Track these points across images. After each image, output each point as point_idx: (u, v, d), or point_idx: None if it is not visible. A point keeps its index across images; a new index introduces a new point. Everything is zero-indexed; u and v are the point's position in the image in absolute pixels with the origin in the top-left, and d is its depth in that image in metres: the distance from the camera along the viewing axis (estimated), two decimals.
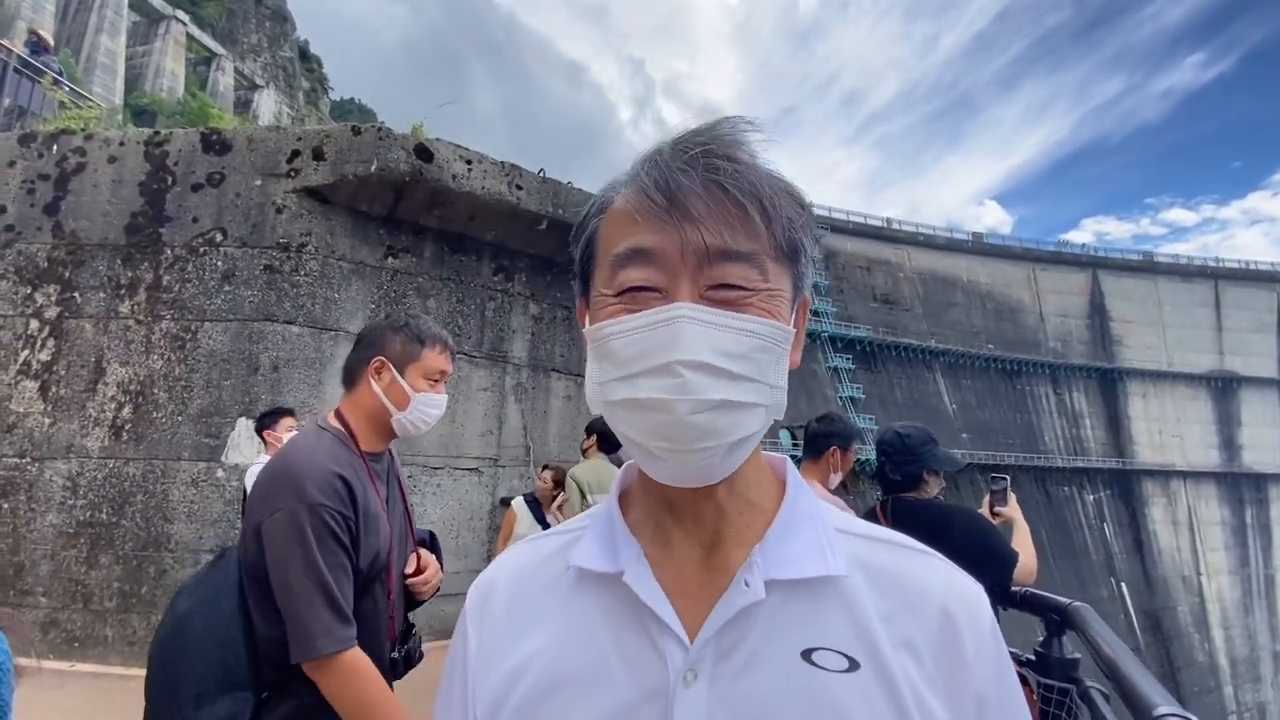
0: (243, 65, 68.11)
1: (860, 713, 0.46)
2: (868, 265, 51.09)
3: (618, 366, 0.50)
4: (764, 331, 0.50)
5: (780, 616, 0.50)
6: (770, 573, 0.50)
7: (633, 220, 0.51)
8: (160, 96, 52.95)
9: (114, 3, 53.64)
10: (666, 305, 0.49)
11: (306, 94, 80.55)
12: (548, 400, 6.00)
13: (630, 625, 0.52)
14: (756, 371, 0.50)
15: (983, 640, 0.50)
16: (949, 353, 49.25)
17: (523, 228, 5.45)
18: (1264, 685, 47.33)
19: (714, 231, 0.49)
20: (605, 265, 0.53)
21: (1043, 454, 48.81)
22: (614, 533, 0.56)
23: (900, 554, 0.54)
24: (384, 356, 1.51)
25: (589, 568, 0.54)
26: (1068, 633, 1.75)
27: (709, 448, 0.49)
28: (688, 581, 0.53)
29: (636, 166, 0.53)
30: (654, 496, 0.56)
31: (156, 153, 4.65)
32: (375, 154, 4.52)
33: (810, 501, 0.57)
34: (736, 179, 0.49)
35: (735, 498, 0.54)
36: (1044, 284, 54.31)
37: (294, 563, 1.30)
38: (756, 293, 0.50)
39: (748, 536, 0.54)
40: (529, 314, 5.87)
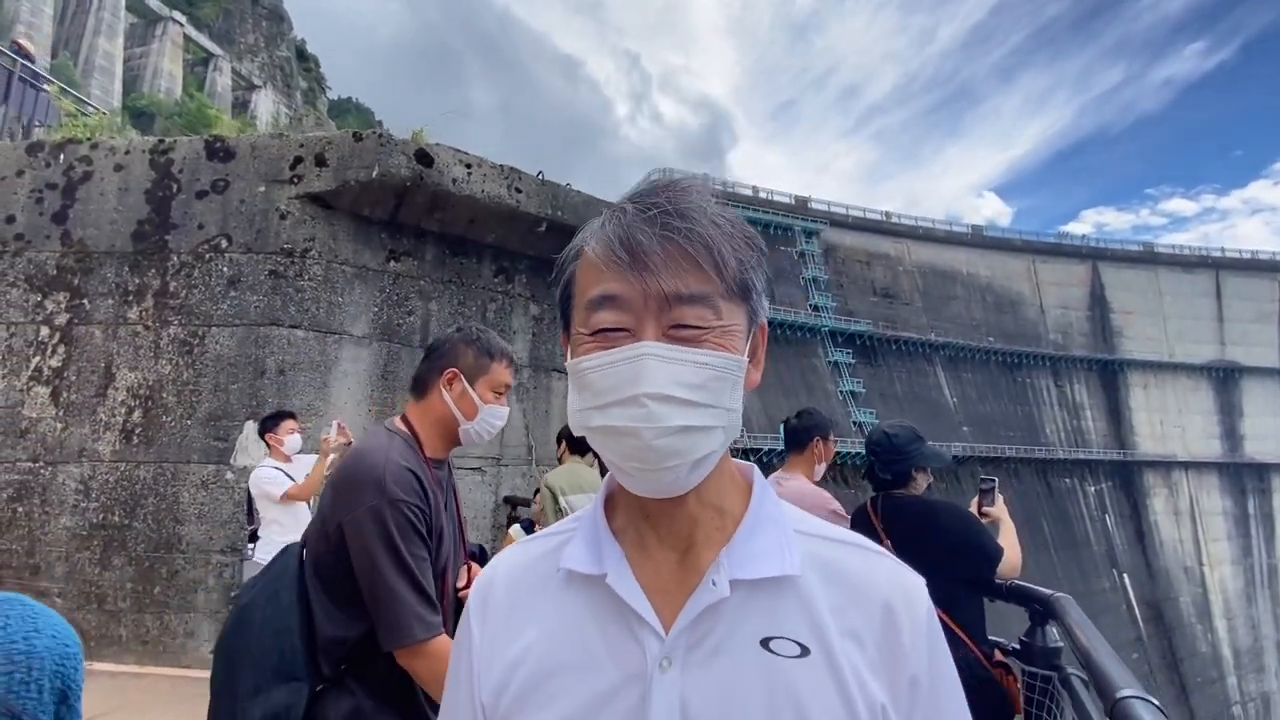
0: (240, 65, 68.11)
1: (809, 693, 0.54)
2: (867, 259, 51.08)
3: (594, 396, 0.58)
4: (718, 364, 0.57)
5: (743, 610, 0.58)
6: (735, 573, 0.58)
7: (600, 271, 0.59)
8: (158, 98, 52.98)
9: (111, 5, 53.59)
10: (633, 344, 0.57)
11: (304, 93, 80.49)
12: (549, 400, 6.08)
13: (614, 620, 0.59)
14: (713, 398, 0.57)
15: (918, 629, 0.58)
16: (949, 346, 49.29)
17: (522, 230, 5.52)
18: (1268, 675, 47.47)
19: (670, 280, 0.56)
20: (581, 308, 0.61)
21: (1044, 446, 48.88)
22: (599, 537, 0.63)
23: (850, 552, 0.62)
24: (457, 368, 1.59)
25: (577, 570, 0.62)
26: (1050, 622, 1.83)
27: (674, 466, 0.57)
28: (664, 581, 0.60)
29: (604, 220, 0.61)
30: (633, 505, 0.64)
31: (162, 160, 4.73)
32: (377, 160, 4.59)
33: (774, 505, 0.64)
34: (688, 235, 0.57)
35: (705, 506, 0.62)
36: (1044, 276, 54.27)
37: (381, 557, 1.37)
38: (711, 330, 0.57)
39: (717, 539, 0.61)
40: (530, 315, 5.95)
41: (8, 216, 4.71)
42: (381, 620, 1.38)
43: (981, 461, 45.12)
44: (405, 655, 1.38)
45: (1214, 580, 48.86)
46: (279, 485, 3.69)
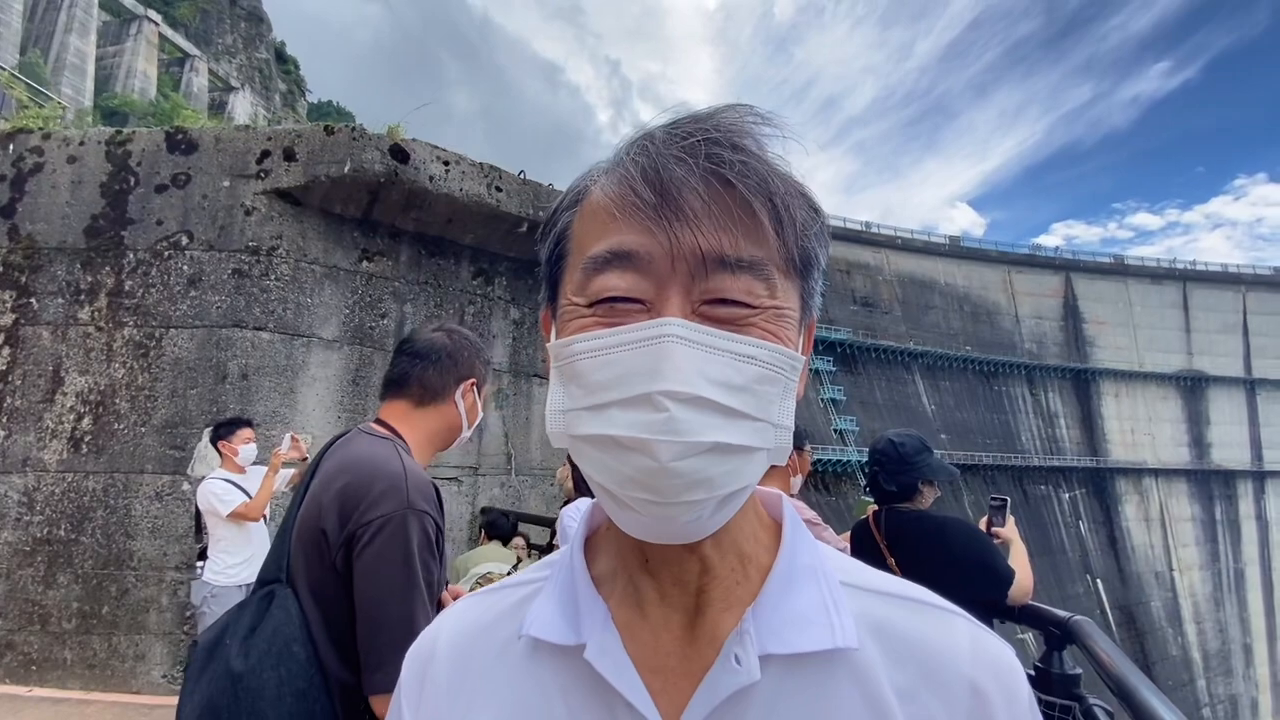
0: (217, 66, 67.02)
1: None
2: (847, 268, 51.55)
3: (587, 393, 0.41)
4: (770, 358, 0.41)
5: (780, 700, 0.41)
6: (766, 645, 0.41)
7: (613, 216, 0.42)
8: (132, 98, 51.87)
9: (83, 1, 52.44)
10: (651, 320, 0.40)
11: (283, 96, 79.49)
12: (529, 407, 5.89)
13: (594, 709, 0.42)
14: (758, 407, 0.41)
15: (1015, 706, 0.42)
16: (927, 354, 49.86)
17: (503, 230, 5.34)
18: (1235, 678, 48.48)
19: (713, 235, 0.40)
20: (577, 268, 0.44)
21: (1019, 453, 49.58)
22: (576, 592, 0.46)
23: (918, 613, 0.45)
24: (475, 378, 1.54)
25: (544, 639, 0.45)
26: (1068, 647, 1.69)
27: (696, 501, 0.40)
28: (665, 654, 0.44)
29: (620, 152, 0.44)
30: (626, 547, 0.47)
31: (118, 153, 4.47)
32: (349, 155, 4.38)
33: (812, 549, 0.47)
34: (744, 173, 0.40)
35: (724, 551, 0.45)
36: (1019, 286, 55.28)
37: (397, 574, 1.19)
38: (761, 311, 0.41)
39: (738, 595, 0.45)
40: (510, 319, 5.76)
41: None
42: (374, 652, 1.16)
43: (960, 469, 45.51)
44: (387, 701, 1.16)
45: (1184, 585, 49.88)
46: (227, 501, 3.40)
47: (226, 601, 3.29)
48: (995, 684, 0.42)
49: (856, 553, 2.24)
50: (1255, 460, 54.75)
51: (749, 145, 0.41)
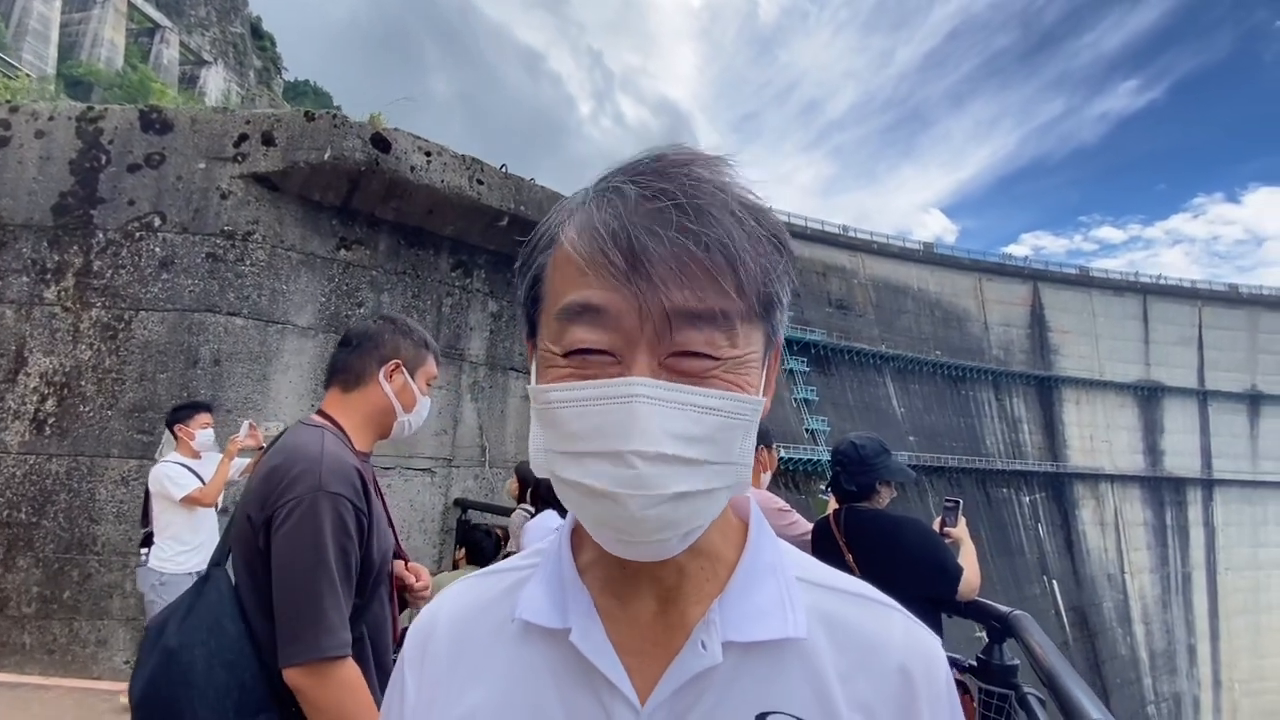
0: (189, 39, 64.88)
1: None
2: (824, 271, 52.21)
3: (564, 439, 0.45)
4: (730, 408, 0.45)
5: (737, 679, 0.47)
6: (728, 634, 0.47)
7: (583, 271, 0.45)
8: (97, 67, 50.00)
9: None
10: (621, 379, 0.43)
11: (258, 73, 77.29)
12: (505, 400, 5.91)
13: (579, 685, 0.48)
14: (719, 453, 0.45)
15: (938, 701, 0.49)
16: (899, 358, 50.80)
17: (483, 223, 5.35)
18: (1179, 676, 50.56)
19: (678, 293, 0.43)
20: (553, 314, 0.47)
21: (984, 457, 50.88)
22: (563, 580, 0.52)
23: (862, 607, 0.52)
24: (399, 359, 1.53)
25: (535, 622, 0.50)
26: (1008, 640, 1.81)
27: (663, 540, 0.45)
28: (641, 638, 0.50)
29: (590, 202, 0.47)
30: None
31: (90, 129, 4.38)
32: (329, 142, 4.36)
33: (774, 549, 0.54)
34: (707, 237, 0.43)
35: (696, 554, 0.50)
36: (989, 294, 56.62)
37: (306, 556, 1.23)
38: (723, 361, 0.45)
39: (707, 590, 0.51)
40: (488, 311, 5.77)
41: None
42: (285, 626, 1.21)
43: (927, 471, 46.60)
44: (302, 674, 1.20)
45: (1134, 587, 51.80)
46: (181, 485, 3.33)
47: (176, 589, 3.22)
48: (920, 668, 0.49)
49: (817, 548, 2.34)
50: (1205, 468, 57.03)
51: (713, 208, 0.44)
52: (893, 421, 47.84)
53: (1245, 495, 56.74)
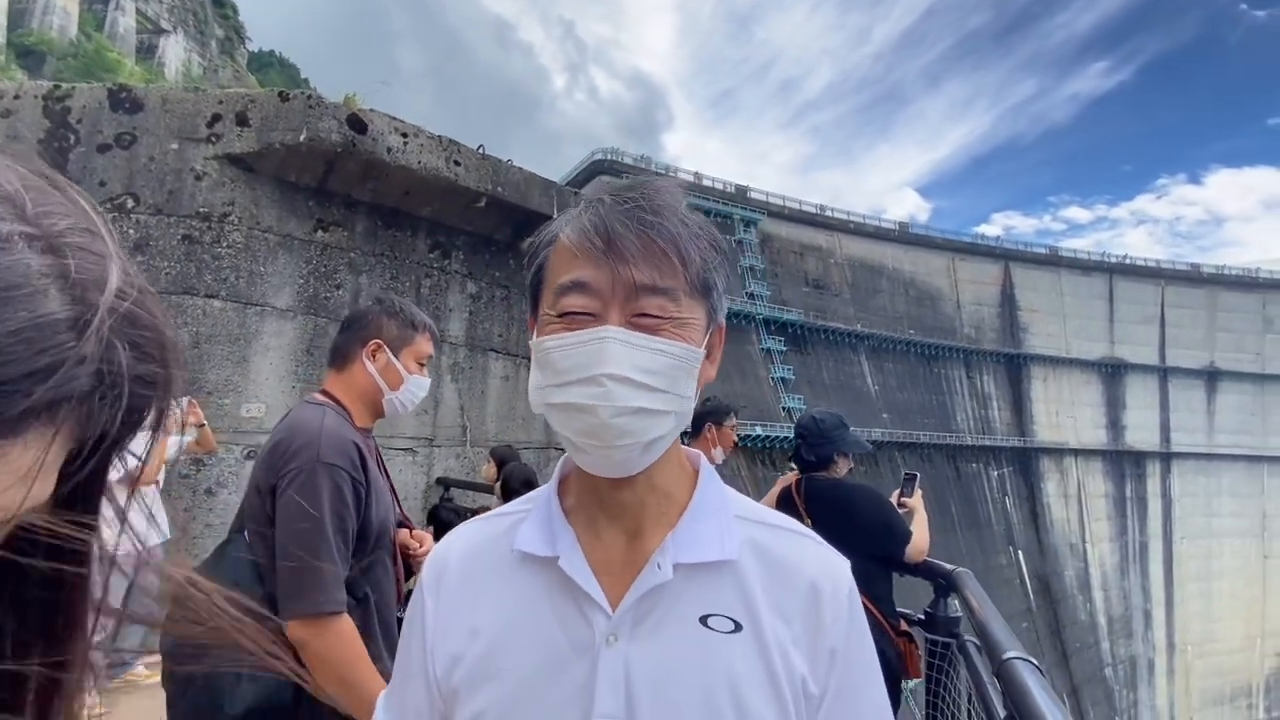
0: (146, 7, 61.97)
1: (740, 664, 0.60)
2: (801, 250, 52.56)
3: (555, 375, 0.61)
4: (676, 352, 0.61)
5: (684, 590, 0.62)
6: (678, 556, 0.62)
7: (574, 256, 0.62)
8: (49, 36, 47.68)
9: None
10: (599, 327, 0.60)
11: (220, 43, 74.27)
12: (485, 380, 5.99)
13: (565, 599, 0.63)
14: (668, 385, 0.61)
15: (839, 606, 0.64)
16: (873, 337, 51.61)
17: (461, 204, 5.38)
18: (1135, 640, 53.05)
19: (641, 270, 0.59)
20: (550, 291, 0.64)
21: (954, 433, 52.23)
22: (551, 520, 0.67)
23: (783, 537, 0.67)
24: (381, 339, 1.59)
25: (530, 552, 0.65)
26: (951, 594, 2.00)
27: (627, 445, 0.60)
28: (612, 562, 0.64)
29: (580, 210, 0.64)
30: (587, 487, 0.67)
31: (57, 109, 4.30)
32: (305, 123, 4.34)
33: (717, 492, 0.69)
34: (660, 230, 0.60)
35: (654, 490, 0.66)
36: (962, 274, 57.60)
37: (305, 520, 1.33)
38: (671, 320, 0.61)
39: (663, 523, 0.65)
40: (466, 293, 5.82)
41: None
42: (286, 584, 1.32)
43: (899, 447, 47.71)
44: (302, 627, 1.30)
45: (1094, 556, 53.96)
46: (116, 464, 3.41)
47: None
48: (827, 583, 0.64)
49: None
50: (1164, 443, 59.26)
51: (665, 210, 0.62)
52: (867, 399, 48.77)
53: (1201, 467, 59.17)
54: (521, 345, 6.20)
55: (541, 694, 0.60)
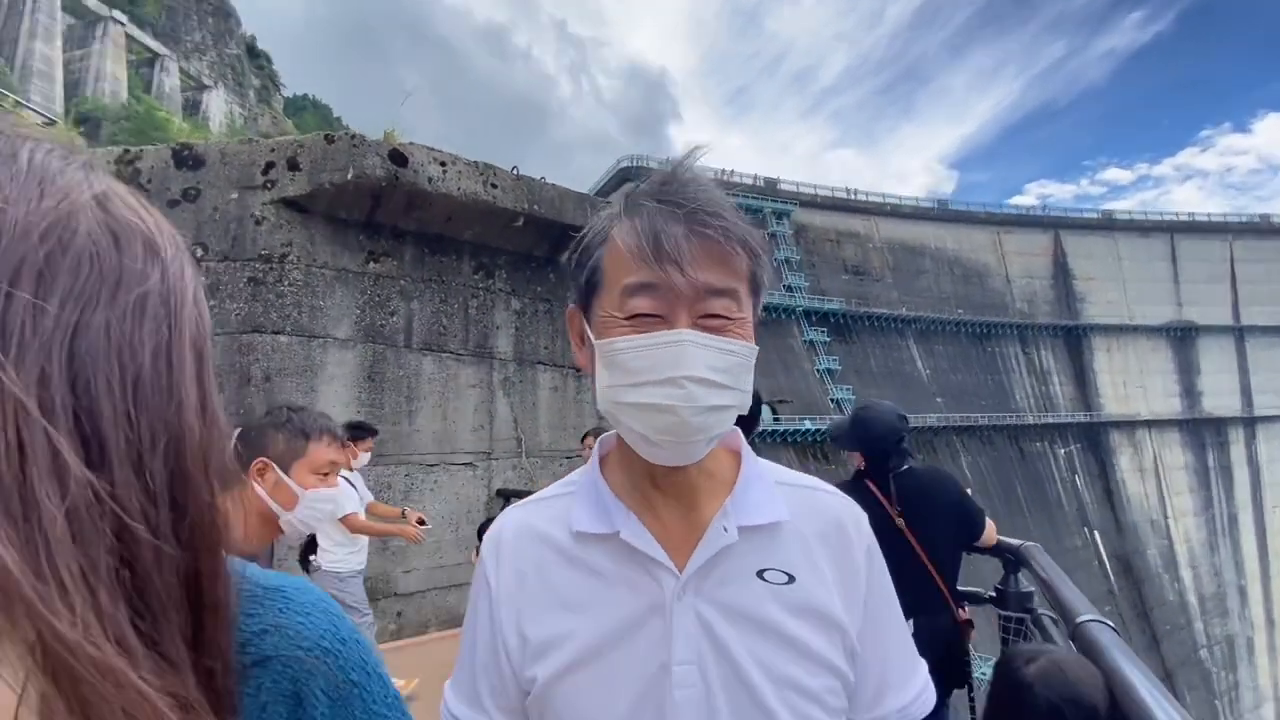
0: (188, 65, 65.63)
1: (794, 610, 0.67)
2: (837, 238, 51.63)
3: (628, 375, 0.64)
4: (742, 351, 0.65)
5: (744, 549, 0.69)
6: (739, 520, 0.69)
7: (637, 259, 0.64)
8: (103, 102, 50.96)
9: (46, 6, 51.22)
10: (671, 330, 0.63)
11: (257, 92, 77.92)
12: (535, 392, 6.15)
13: (631, 566, 0.69)
14: (735, 381, 0.65)
15: (863, 548, 0.73)
16: (920, 320, 50.23)
17: (500, 225, 5.55)
18: (1231, 618, 49.80)
19: (703, 274, 0.62)
20: (614, 292, 0.66)
21: (1014, 412, 50.28)
22: (603, 500, 0.72)
23: (817, 496, 0.76)
24: (267, 457, 1.47)
25: (589, 531, 0.70)
26: (1021, 570, 1.99)
27: (700, 440, 0.65)
28: (670, 535, 0.70)
29: (628, 210, 0.67)
30: (639, 471, 0.72)
31: (128, 171, 4.65)
32: (350, 161, 4.58)
33: (756, 464, 0.75)
34: (724, 232, 0.63)
35: (702, 470, 0.71)
36: (1009, 247, 55.53)
37: None
38: (734, 320, 0.65)
39: (713, 497, 0.72)
40: (511, 309, 5.99)
41: None
42: None
43: (956, 431, 46.23)
44: None
45: (1179, 532, 50.98)
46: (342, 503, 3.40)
47: (354, 586, 3.67)
48: (851, 528, 0.73)
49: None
50: (1246, 407, 55.64)
51: (722, 209, 0.64)
52: (918, 384, 47.47)
53: None
54: (568, 357, 6.34)
55: (620, 650, 0.66)
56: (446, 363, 5.48)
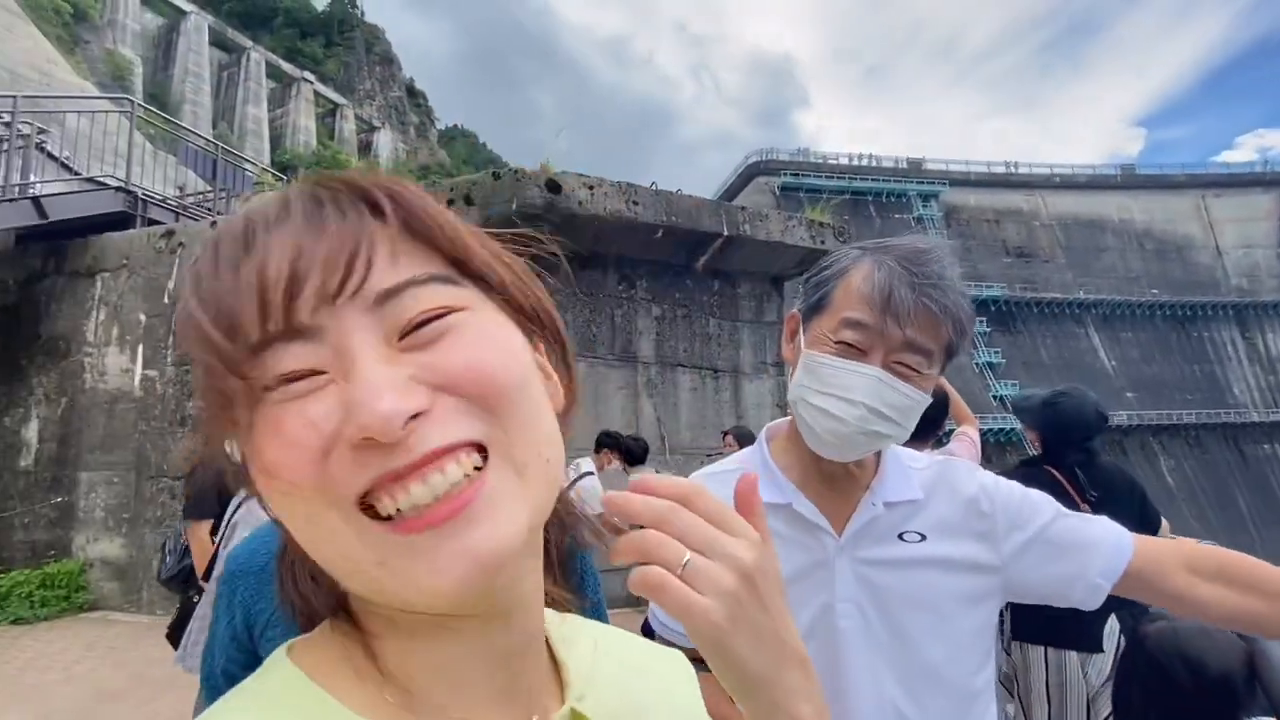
0: (361, 110, 75.05)
1: (924, 560, 0.88)
2: (995, 217, 47.02)
3: (819, 383, 0.84)
4: (915, 397, 0.83)
5: (888, 519, 0.90)
6: (885, 497, 0.91)
7: (860, 301, 0.82)
8: (298, 151, 59.86)
9: (255, 74, 61.32)
10: (869, 365, 0.82)
11: (416, 128, 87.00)
12: (676, 393, 6.48)
13: (801, 530, 0.91)
14: (901, 418, 0.83)
15: (987, 491, 0.92)
16: (1102, 303, 44.20)
17: (641, 239, 5.95)
18: None
19: (911, 330, 0.80)
20: (835, 318, 0.85)
21: (1233, 408, 42.51)
22: (772, 474, 0.93)
23: (945, 467, 0.96)
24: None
25: (767, 500, 0.90)
26: None
27: (854, 450, 0.86)
28: (829, 505, 0.91)
29: (876, 262, 0.84)
30: (806, 458, 0.92)
31: None
32: (514, 194, 5.20)
33: (897, 455, 0.95)
34: (938, 303, 0.80)
35: (860, 466, 0.93)
36: (1217, 213, 47.02)
37: None
38: (918, 374, 0.83)
39: (861, 481, 0.93)
40: (652, 316, 6.38)
41: None
42: None
43: (1153, 431, 40.14)
44: None
45: None
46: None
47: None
48: (973, 486, 0.92)
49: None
50: None
51: (947, 286, 0.81)
52: (1101, 377, 41.77)
53: None
54: (705, 358, 6.62)
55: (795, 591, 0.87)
56: (596, 367, 5.98)
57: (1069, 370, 41.44)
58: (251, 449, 0.33)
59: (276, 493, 0.33)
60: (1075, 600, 0.87)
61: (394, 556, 0.31)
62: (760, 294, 7.03)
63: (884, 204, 46.75)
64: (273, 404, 0.32)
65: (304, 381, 0.32)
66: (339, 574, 0.34)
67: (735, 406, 6.75)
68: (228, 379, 0.32)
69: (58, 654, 4.67)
